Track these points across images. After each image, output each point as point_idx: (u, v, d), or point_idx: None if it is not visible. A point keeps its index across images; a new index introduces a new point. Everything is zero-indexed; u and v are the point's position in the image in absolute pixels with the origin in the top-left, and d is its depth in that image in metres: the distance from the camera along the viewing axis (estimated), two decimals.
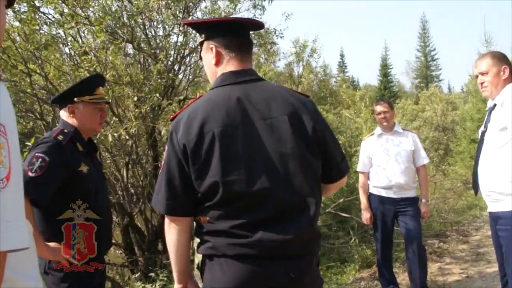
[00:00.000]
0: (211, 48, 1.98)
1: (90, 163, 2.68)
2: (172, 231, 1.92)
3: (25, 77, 5.13)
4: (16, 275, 0.99)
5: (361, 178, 4.99)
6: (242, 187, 1.78)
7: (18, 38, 5.16)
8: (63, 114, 2.73)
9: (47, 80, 5.29)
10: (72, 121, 2.69)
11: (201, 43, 2.05)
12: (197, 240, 1.95)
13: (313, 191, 1.89)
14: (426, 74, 53.50)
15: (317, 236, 1.96)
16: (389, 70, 43.96)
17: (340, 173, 2.04)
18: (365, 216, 4.89)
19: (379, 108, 4.86)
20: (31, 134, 5.66)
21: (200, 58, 2.12)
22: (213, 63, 1.98)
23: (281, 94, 1.94)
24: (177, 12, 5.62)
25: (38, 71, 5.32)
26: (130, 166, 6.18)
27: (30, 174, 2.39)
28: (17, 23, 4.99)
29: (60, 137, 2.56)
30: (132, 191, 6.59)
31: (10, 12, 4.80)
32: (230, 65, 1.96)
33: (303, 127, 1.89)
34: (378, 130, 4.94)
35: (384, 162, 4.75)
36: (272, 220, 1.79)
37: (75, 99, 2.65)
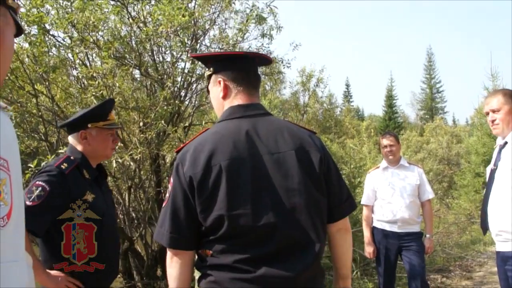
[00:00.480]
0: (219, 82, 1.97)
1: (97, 190, 2.62)
2: (174, 265, 1.87)
3: (31, 98, 5.14)
4: None
5: (365, 211, 4.94)
6: (247, 221, 1.75)
7: (27, 60, 5.21)
8: (73, 140, 2.69)
9: (53, 102, 5.32)
10: (81, 147, 2.65)
11: (209, 76, 2.05)
12: (198, 273, 1.91)
13: (319, 228, 1.86)
14: (431, 106, 53.68)
15: (322, 273, 1.92)
16: (394, 101, 44.03)
17: (341, 213, 1.99)
18: (368, 250, 4.83)
19: (385, 141, 4.84)
20: (34, 155, 5.66)
21: (207, 91, 2.11)
22: (220, 96, 1.98)
23: (288, 129, 1.93)
24: (185, 40, 5.65)
25: (45, 92, 5.35)
26: (132, 190, 6.15)
27: (27, 202, 2.32)
28: (26, 45, 5.04)
29: (64, 166, 2.52)
30: (134, 215, 6.54)
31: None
32: (238, 99, 1.95)
33: (310, 163, 1.87)
34: (383, 163, 4.91)
35: (389, 196, 4.71)
36: (276, 256, 1.76)
37: (89, 125, 2.63)
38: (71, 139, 2.70)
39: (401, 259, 4.83)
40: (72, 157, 2.61)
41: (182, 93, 6.18)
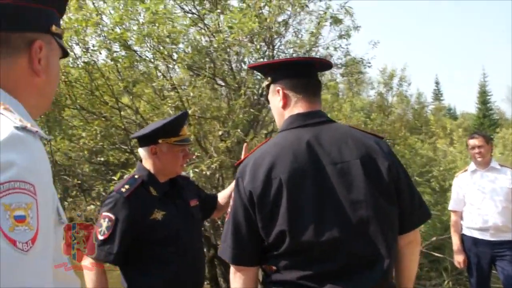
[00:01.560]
0: (278, 91, 1.90)
1: (170, 206, 2.55)
2: (238, 281, 1.82)
3: (116, 111, 5.37)
4: None
5: (453, 217, 4.65)
6: (310, 237, 1.66)
7: (111, 76, 5.46)
8: (143, 153, 2.63)
9: (137, 114, 5.53)
10: (151, 161, 2.59)
11: (268, 86, 1.98)
12: None
13: (389, 242, 1.72)
14: None
15: None
16: (488, 97, 41.76)
17: (412, 223, 1.85)
18: (458, 259, 4.53)
19: (473, 142, 4.53)
20: (124, 166, 5.91)
21: (267, 100, 2.05)
22: (280, 106, 1.90)
23: (352, 136, 1.82)
24: (259, 46, 5.65)
25: (130, 105, 5.58)
26: None
27: (99, 237, 2.36)
28: (110, 61, 5.28)
29: (124, 188, 2.46)
30: (219, 222, 6.63)
31: (104, 51, 5.13)
32: (298, 107, 1.87)
33: (378, 172, 1.75)
34: (472, 166, 4.60)
35: (478, 201, 4.40)
36: (342, 273, 1.66)
37: (160, 140, 2.55)
38: (141, 151, 2.65)
39: (496, 269, 4.47)
40: (136, 176, 2.56)
41: (262, 101, 6.19)
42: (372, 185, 1.72)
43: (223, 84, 5.87)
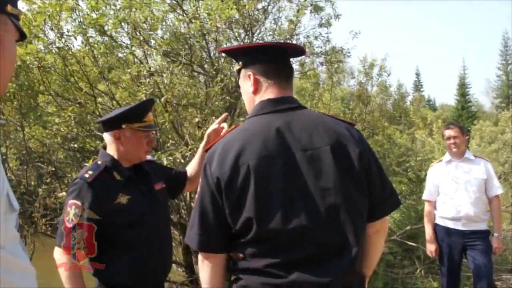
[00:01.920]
0: (249, 76, 1.88)
1: (134, 190, 2.57)
2: (205, 268, 1.81)
3: (91, 98, 5.28)
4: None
5: (427, 206, 4.71)
6: (277, 224, 1.65)
7: (87, 62, 5.36)
8: (107, 138, 2.64)
9: (112, 100, 5.44)
10: (114, 147, 2.61)
11: (239, 71, 1.95)
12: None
13: (357, 230, 1.71)
14: (508, 93, 50.70)
15: (360, 280, 1.78)
16: (467, 90, 42.26)
17: (382, 211, 1.85)
18: (430, 248, 4.60)
19: (448, 132, 4.58)
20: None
21: (238, 86, 2.03)
22: (251, 91, 1.88)
23: (324, 123, 1.79)
24: (238, 33, 5.60)
25: (106, 91, 5.49)
26: None
27: (68, 224, 2.36)
28: (84, 47, 5.18)
29: (88, 174, 2.47)
30: None
31: (79, 37, 5.03)
32: (268, 93, 1.85)
33: (348, 159, 1.73)
34: (446, 156, 4.65)
35: (452, 191, 4.46)
36: (309, 261, 1.65)
37: (123, 125, 2.57)
38: (106, 136, 2.65)
39: (466, 259, 4.54)
40: (99, 162, 2.57)
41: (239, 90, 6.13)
42: (342, 172, 1.70)
43: (201, 71, 5.80)
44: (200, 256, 1.83)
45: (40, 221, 6.16)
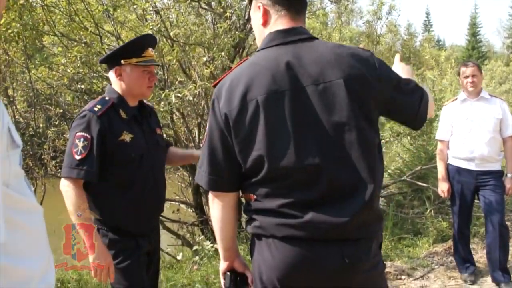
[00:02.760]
0: (259, 7, 1.75)
1: (137, 130, 2.58)
2: (216, 207, 1.78)
3: (96, 38, 5.17)
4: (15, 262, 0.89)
5: (440, 146, 4.59)
6: (289, 162, 1.59)
7: (91, 0, 5.22)
8: (112, 76, 2.63)
9: (118, 40, 5.33)
10: (119, 84, 2.59)
11: (250, 2, 1.83)
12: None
13: (372, 167, 1.65)
14: None
15: (378, 219, 1.72)
16: (478, 29, 41.40)
17: (420, 122, 1.83)
18: (442, 187, 4.51)
19: (466, 70, 4.35)
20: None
21: (247, 21, 1.91)
22: (260, 23, 1.76)
23: (336, 53, 1.67)
24: None
25: (111, 31, 5.36)
26: (202, 127, 6.16)
27: (76, 157, 2.37)
28: None
29: (97, 108, 2.47)
30: None
31: None
32: (278, 24, 1.72)
33: (363, 91, 1.64)
34: (461, 95, 4.47)
35: (466, 131, 4.33)
36: (324, 200, 1.60)
37: (122, 61, 2.54)
38: (110, 75, 2.64)
39: (478, 199, 4.49)
40: (107, 97, 2.56)
41: (248, 26, 5.98)
42: (356, 106, 1.63)
43: (207, 8, 5.64)
44: (210, 195, 1.79)
45: (50, 163, 6.20)
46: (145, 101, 2.81)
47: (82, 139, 2.39)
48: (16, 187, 0.91)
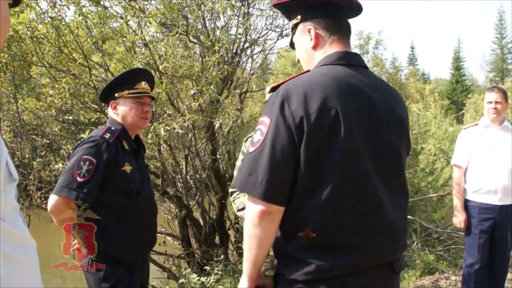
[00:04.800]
0: (309, 30, 1.74)
1: (134, 163, 2.62)
2: (264, 224, 1.52)
3: (85, 69, 5.18)
4: None
5: (457, 173, 4.26)
6: (361, 190, 1.55)
7: (80, 32, 5.25)
8: (110, 111, 2.70)
9: (107, 71, 5.35)
10: (116, 118, 2.65)
11: (295, 26, 1.81)
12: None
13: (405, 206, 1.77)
14: (502, 67, 50.84)
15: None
16: (461, 63, 42.34)
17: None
18: (459, 219, 4.21)
19: (491, 96, 4.10)
20: (95, 125, 5.75)
21: (291, 44, 1.89)
22: (310, 46, 1.75)
23: (392, 90, 1.77)
24: (233, 2, 5.49)
25: (100, 62, 5.38)
26: (189, 159, 6.16)
27: (78, 179, 2.38)
28: (78, 17, 5.05)
29: (107, 135, 2.52)
30: (191, 183, 6.57)
31: (72, 6, 4.89)
32: (334, 47, 1.72)
33: (405, 130, 1.73)
34: (483, 121, 4.20)
35: (486, 159, 4.06)
36: (379, 237, 1.59)
37: (116, 94, 2.61)
38: (109, 109, 2.71)
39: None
40: (113, 128, 2.60)
41: (236, 60, 6.05)
42: (404, 141, 1.72)
43: (196, 41, 5.70)
44: (257, 209, 1.52)
45: (35, 194, 6.12)
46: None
47: (87, 163, 2.41)
48: (10, 221, 0.91)
